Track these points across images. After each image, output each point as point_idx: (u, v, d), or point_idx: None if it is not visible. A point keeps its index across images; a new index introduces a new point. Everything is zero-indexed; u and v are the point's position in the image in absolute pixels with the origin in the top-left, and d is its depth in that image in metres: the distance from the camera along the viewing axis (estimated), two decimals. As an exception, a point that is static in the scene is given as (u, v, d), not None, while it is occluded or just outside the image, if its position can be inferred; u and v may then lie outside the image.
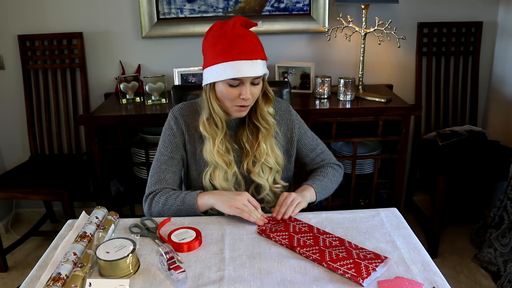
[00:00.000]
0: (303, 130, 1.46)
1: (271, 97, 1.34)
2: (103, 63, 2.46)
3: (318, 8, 2.37)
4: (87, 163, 2.41)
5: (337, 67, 2.48)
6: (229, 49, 1.21)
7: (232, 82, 1.23)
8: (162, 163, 1.36)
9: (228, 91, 1.25)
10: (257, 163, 1.36)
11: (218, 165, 1.33)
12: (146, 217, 1.26)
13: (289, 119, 1.43)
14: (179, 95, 1.62)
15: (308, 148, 1.47)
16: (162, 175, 1.34)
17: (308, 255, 1.06)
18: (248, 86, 1.24)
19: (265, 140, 1.35)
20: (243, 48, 1.21)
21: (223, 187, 1.34)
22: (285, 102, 1.47)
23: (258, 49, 1.24)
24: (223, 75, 1.22)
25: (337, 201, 2.40)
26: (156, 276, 1.01)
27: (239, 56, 1.20)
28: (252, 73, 1.22)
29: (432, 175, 2.30)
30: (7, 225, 2.65)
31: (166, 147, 1.37)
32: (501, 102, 2.48)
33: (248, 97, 1.25)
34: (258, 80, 1.26)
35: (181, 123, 1.37)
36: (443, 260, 2.28)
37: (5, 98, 2.51)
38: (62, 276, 0.95)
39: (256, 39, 1.26)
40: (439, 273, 1.01)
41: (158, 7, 2.34)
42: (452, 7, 2.43)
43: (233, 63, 1.20)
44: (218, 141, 1.32)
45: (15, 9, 2.36)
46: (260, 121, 1.34)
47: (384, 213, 1.27)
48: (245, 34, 1.23)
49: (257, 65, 1.22)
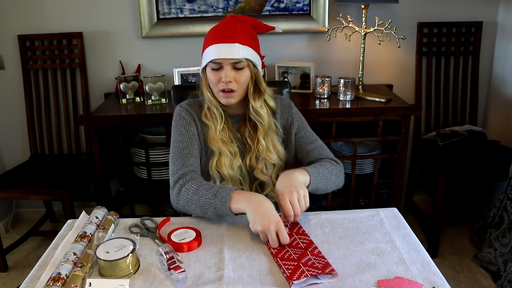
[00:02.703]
0: (303, 125, 1.46)
1: (262, 90, 1.35)
2: (103, 63, 2.46)
3: (318, 8, 2.37)
4: (87, 163, 2.41)
5: (337, 67, 2.48)
6: (213, 35, 1.30)
7: (213, 65, 1.28)
8: (183, 148, 1.31)
9: (212, 75, 1.30)
10: (260, 160, 1.37)
11: (223, 152, 1.34)
12: (146, 217, 1.26)
13: (288, 113, 1.44)
14: (179, 95, 1.62)
15: (305, 141, 1.44)
16: (185, 159, 1.29)
17: (271, 252, 1.08)
18: (229, 69, 1.27)
19: (264, 135, 1.36)
20: (223, 33, 1.28)
21: (230, 174, 1.35)
22: (288, 99, 1.49)
23: (239, 34, 1.27)
24: (205, 59, 1.30)
25: (337, 201, 2.40)
26: (156, 276, 1.01)
27: (218, 40, 1.27)
28: (228, 55, 1.25)
29: (432, 175, 2.30)
30: (7, 225, 2.65)
31: (183, 134, 1.34)
32: (501, 102, 2.48)
33: (228, 79, 1.27)
34: (241, 65, 1.28)
35: (192, 113, 1.38)
36: (443, 260, 2.28)
37: (5, 98, 2.51)
38: (62, 276, 0.95)
39: (240, 27, 1.28)
40: (439, 273, 1.01)
41: (158, 7, 2.34)
42: (452, 7, 2.43)
43: (212, 47, 1.28)
44: (219, 128, 1.34)
45: (15, 9, 2.36)
46: (254, 115, 1.35)
47: (384, 213, 1.27)
48: (230, 22, 1.30)
49: (235, 48, 1.25)
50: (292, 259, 1.03)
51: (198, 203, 1.19)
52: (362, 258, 1.06)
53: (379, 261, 1.05)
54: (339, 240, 1.14)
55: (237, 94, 1.32)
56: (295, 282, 0.95)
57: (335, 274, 0.99)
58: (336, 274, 0.99)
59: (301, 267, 1.00)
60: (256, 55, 1.32)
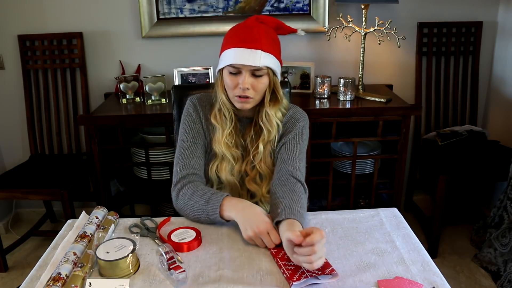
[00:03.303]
0: (297, 140, 1.33)
1: (279, 99, 1.32)
2: (103, 63, 2.46)
3: (318, 8, 2.37)
4: (87, 163, 2.41)
5: (337, 67, 2.48)
6: (234, 37, 1.24)
7: (231, 69, 1.24)
8: (186, 149, 1.31)
9: (229, 79, 1.25)
10: (254, 168, 1.34)
11: (226, 158, 1.32)
12: (146, 217, 1.26)
13: (292, 125, 1.35)
14: (179, 95, 1.62)
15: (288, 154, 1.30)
16: (187, 160, 1.30)
17: (271, 252, 1.08)
18: (247, 76, 1.23)
19: (264, 143, 1.33)
20: (245, 37, 1.22)
21: (228, 179, 1.34)
22: (303, 113, 1.39)
23: (263, 41, 1.21)
24: (224, 62, 1.24)
25: (337, 201, 2.40)
26: (156, 276, 1.01)
27: (239, 44, 1.21)
28: (249, 62, 1.20)
29: (432, 175, 2.30)
30: (7, 225, 2.65)
31: (188, 133, 1.34)
32: (501, 102, 2.48)
33: (246, 86, 1.23)
34: (260, 72, 1.24)
35: (199, 111, 1.36)
36: (443, 260, 2.28)
37: (5, 98, 2.51)
38: (62, 276, 0.95)
39: (263, 31, 1.24)
40: (439, 273, 1.00)
41: (158, 7, 2.34)
42: (452, 7, 2.43)
43: (233, 50, 1.22)
44: (227, 132, 1.31)
45: (15, 9, 2.36)
46: (264, 122, 1.31)
47: (384, 213, 1.27)
48: (253, 25, 1.24)
49: (256, 55, 1.20)
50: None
51: (192, 209, 1.20)
52: (362, 258, 1.06)
53: (379, 261, 1.05)
54: (339, 240, 1.14)
55: (253, 100, 1.28)
56: (295, 283, 0.95)
57: (335, 274, 0.99)
58: (336, 274, 0.99)
59: (301, 268, 0.99)
60: (277, 63, 1.28)
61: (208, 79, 2.30)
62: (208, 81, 2.29)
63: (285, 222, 1.08)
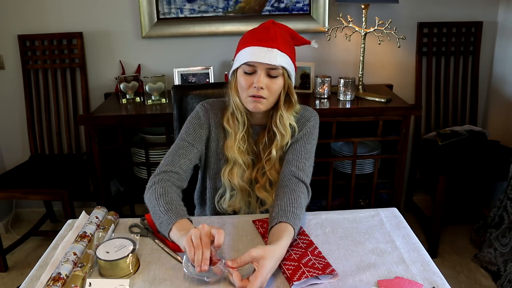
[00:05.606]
0: (306, 140, 1.32)
1: (294, 102, 1.30)
2: (103, 63, 2.46)
3: (318, 8, 2.37)
4: (87, 163, 2.41)
5: (337, 67, 2.48)
6: (251, 37, 1.24)
7: (247, 68, 1.22)
8: (181, 147, 1.29)
9: (243, 79, 1.23)
10: (265, 174, 1.33)
11: (237, 163, 1.31)
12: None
13: (303, 124, 1.33)
14: (179, 95, 1.62)
15: (294, 154, 1.29)
16: (177, 158, 1.27)
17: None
18: (262, 75, 1.21)
19: (277, 148, 1.31)
20: (262, 36, 1.21)
21: (240, 185, 1.33)
22: (314, 113, 1.37)
23: (279, 41, 1.20)
24: (239, 61, 1.23)
25: (337, 201, 2.40)
26: (156, 276, 1.01)
27: (256, 43, 1.21)
28: (265, 60, 1.18)
29: (432, 175, 2.30)
30: (7, 225, 2.65)
31: (189, 134, 1.32)
32: (501, 102, 2.48)
33: (261, 85, 1.21)
34: (275, 73, 1.22)
35: (210, 117, 1.34)
36: (443, 260, 2.28)
37: (5, 98, 2.51)
38: (62, 276, 0.95)
39: (280, 33, 1.23)
40: (439, 273, 1.01)
41: (158, 7, 2.34)
42: (452, 7, 2.43)
43: (249, 48, 1.21)
44: (239, 137, 1.30)
45: (15, 9, 2.36)
46: (278, 126, 1.29)
47: (384, 213, 1.27)
48: (270, 26, 1.24)
49: (273, 53, 1.19)
50: (293, 259, 1.03)
51: (153, 209, 1.15)
52: (362, 258, 1.06)
53: (379, 261, 1.05)
54: (339, 240, 1.14)
55: (267, 102, 1.25)
56: (295, 283, 0.95)
57: (335, 274, 0.99)
58: (336, 274, 0.99)
59: (301, 268, 0.99)
60: (292, 66, 1.26)
61: (208, 79, 2.30)
62: (208, 81, 2.29)
63: (276, 227, 1.07)
